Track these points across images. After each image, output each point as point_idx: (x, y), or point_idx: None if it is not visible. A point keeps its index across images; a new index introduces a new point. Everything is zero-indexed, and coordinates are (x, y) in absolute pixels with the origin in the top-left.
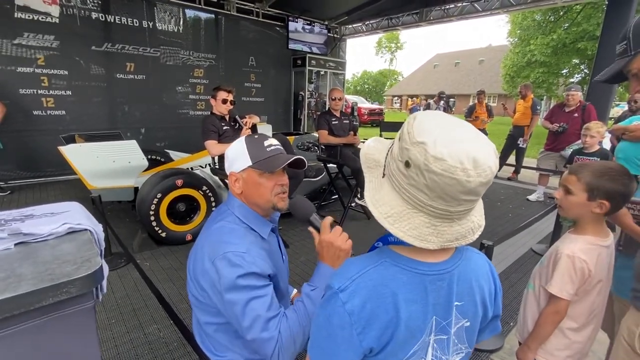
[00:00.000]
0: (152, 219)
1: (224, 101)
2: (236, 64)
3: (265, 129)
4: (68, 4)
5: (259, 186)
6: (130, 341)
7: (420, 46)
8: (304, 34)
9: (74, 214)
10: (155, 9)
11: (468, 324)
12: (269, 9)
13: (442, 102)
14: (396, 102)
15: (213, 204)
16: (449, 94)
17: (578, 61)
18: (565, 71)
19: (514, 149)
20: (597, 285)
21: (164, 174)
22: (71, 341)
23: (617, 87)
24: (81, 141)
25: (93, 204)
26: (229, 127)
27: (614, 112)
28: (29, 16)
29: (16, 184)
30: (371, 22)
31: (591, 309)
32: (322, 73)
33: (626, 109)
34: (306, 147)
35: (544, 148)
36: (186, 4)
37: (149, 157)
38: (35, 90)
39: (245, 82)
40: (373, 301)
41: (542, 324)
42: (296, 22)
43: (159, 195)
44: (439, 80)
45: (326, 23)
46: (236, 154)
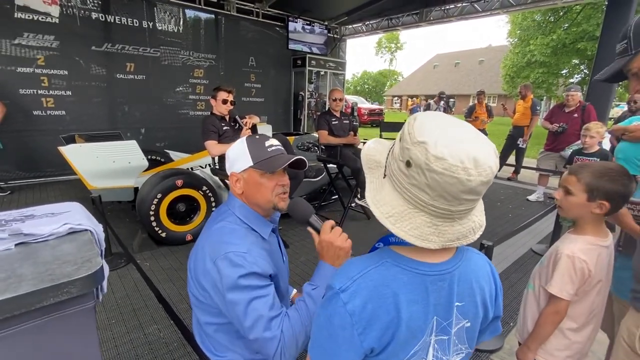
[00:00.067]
0: (152, 219)
1: (224, 101)
2: (236, 64)
3: (265, 129)
4: (68, 4)
5: (260, 186)
6: (130, 341)
7: (420, 46)
8: (304, 34)
9: (75, 214)
10: (155, 9)
11: (469, 324)
12: (269, 9)
13: (442, 102)
14: (396, 103)
15: (213, 204)
16: (449, 94)
17: (578, 61)
18: (565, 71)
19: (513, 149)
20: (596, 285)
21: (164, 174)
22: (72, 341)
23: (617, 88)
24: (81, 141)
25: (93, 204)
26: (229, 128)
27: (614, 113)
28: (29, 16)
29: (16, 184)
30: (371, 22)
31: (591, 309)
32: (322, 73)
33: (626, 109)
34: (306, 147)
35: (544, 148)
36: (186, 4)
37: (149, 157)
38: (35, 91)
39: (245, 83)
40: (374, 301)
41: (542, 324)
42: (296, 22)
43: (159, 196)
44: (438, 80)
45: (326, 23)
46: (237, 155)
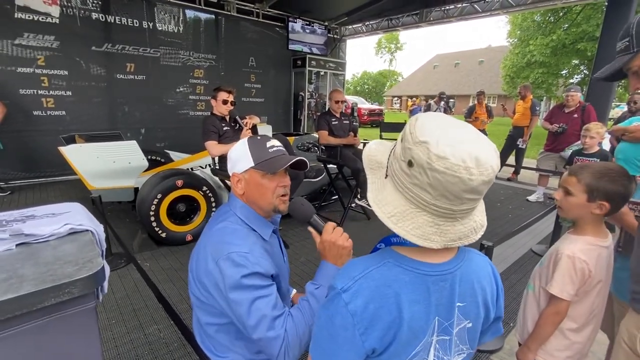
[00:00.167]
0: (152, 219)
1: (224, 102)
2: (236, 64)
3: (265, 129)
4: (68, 4)
5: (261, 187)
6: (130, 342)
7: (420, 47)
8: (304, 34)
9: (75, 215)
10: (156, 10)
11: (470, 325)
12: (269, 9)
13: (442, 102)
14: (396, 103)
15: (213, 204)
16: (449, 94)
17: (578, 62)
18: (565, 72)
19: (513, 150)
20: (597, 285)
21: (164, 174)
22: (73, 341)
23: (617, 88)
24: (81, 141)
25: (93, 204)
26: (229, 128)
27: (614, 113)
28: (29, 16)
29: (16, 184)
30: (371, 22)
31: (591, 310)
32: (322, 74)
33: (626, 109)
34: (306, 147)
35: (544, 149)
36: (186, 4)
37: (149, 157)
38: (36, 91)
39: (245, 83)
40: (376, 302)
41: (543, 324)
42: (296, 22)
43: (159, 196)
44: (438, 80)
45: (326, 24)
46: (239, 155)
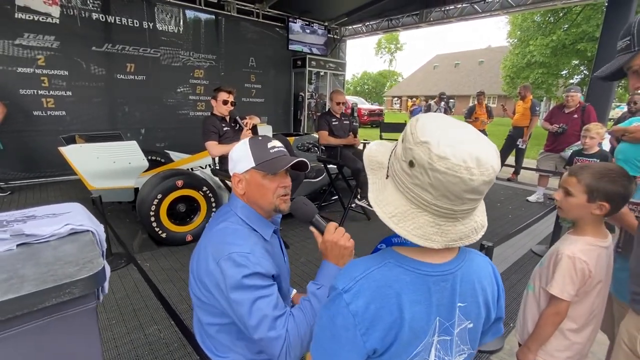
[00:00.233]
0: (152, 219)
1: (224, 102)
2: (236, 64)
3: (266, 129)
4: (68, 4)
5: (262, 187)
6: (130, 342)
7: (420, 47)
8: (304, 34)
9: (76, 215)
10: (156, 10)
11: (471, 325)
12: (269, 9)
13: (442, 103)
14: (396, 103)
15: (213, 204)
16: (449, 94)
17: (578, 62)
18: (565, 72)
19: (513, 150)
20: (597, 286)
21: (164, 174)
22: (74, 342)
23: (617, 89)
24: (81, 142)
25: (93, 204)
26: (229, 128)
27: (614, 114)
28: (29, 17)
29: (16, 185)
30: (371, 23)
31: (591, 310)
32: (322, 74)
33: (626, 110)
34: (306, 148)
35: (544, 149)
36: (186, 4)
37: (149, 157)
38: (36, 91)
39: (245, 83)
40: (377, 302)
41: (543, 325)
42: (296, 23)
43: (159, 196)
44: (438, 81)
45: (326, 24)
46: (240, 156)
